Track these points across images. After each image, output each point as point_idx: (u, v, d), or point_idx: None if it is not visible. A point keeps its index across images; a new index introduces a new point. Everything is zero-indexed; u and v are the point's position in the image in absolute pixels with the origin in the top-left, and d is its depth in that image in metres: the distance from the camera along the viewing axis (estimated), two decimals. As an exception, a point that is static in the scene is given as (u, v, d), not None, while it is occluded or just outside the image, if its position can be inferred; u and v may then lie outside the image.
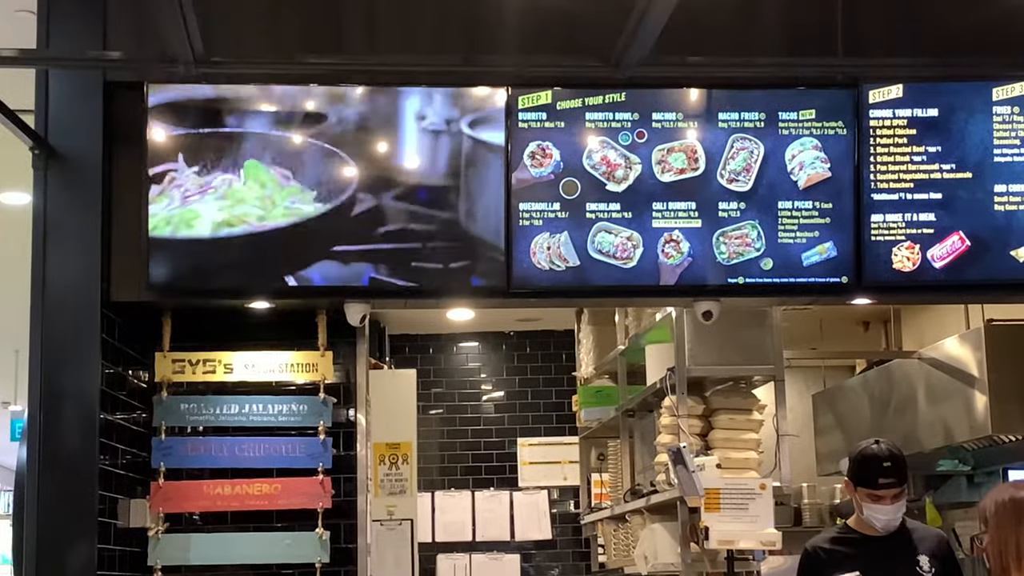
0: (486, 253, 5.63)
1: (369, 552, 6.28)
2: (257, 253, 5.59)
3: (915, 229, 5.70)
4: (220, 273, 5.60)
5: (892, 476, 5.09)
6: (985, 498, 4.23)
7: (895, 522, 5.16)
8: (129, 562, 5.92)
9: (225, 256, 5.58)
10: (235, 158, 5.60)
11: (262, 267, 5.62)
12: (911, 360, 7.73)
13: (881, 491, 5.10)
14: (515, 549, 10.64)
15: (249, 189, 5.59)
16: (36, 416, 5.52)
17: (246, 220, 5.58)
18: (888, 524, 5.15)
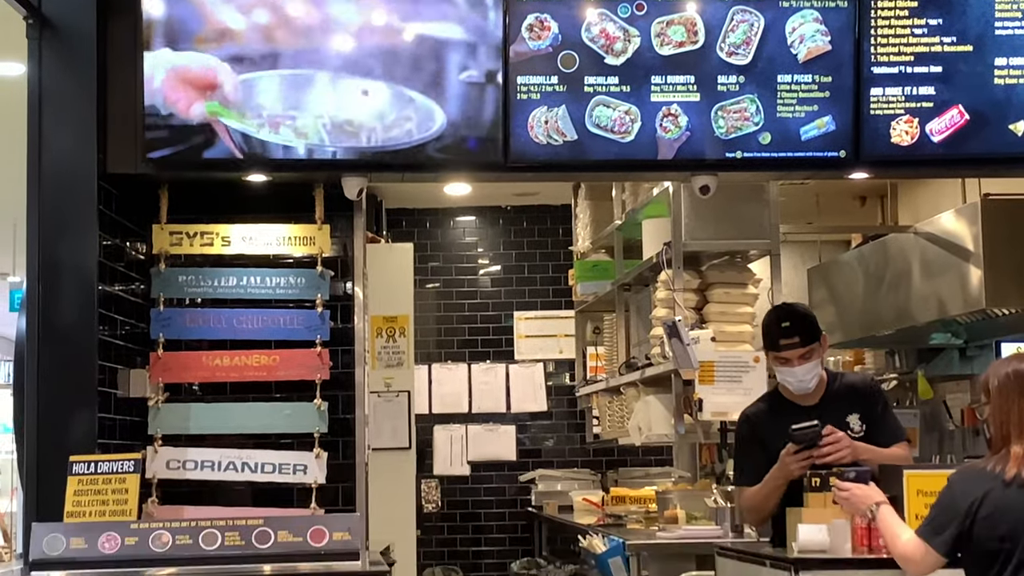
0: (484, 130, 5.60)
1: (367, 423, 6.33)
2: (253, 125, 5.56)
3: (914, 103, 5.67)
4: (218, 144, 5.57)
5: (793, 335, 5.13)
6: (987, 370, 4.26)
7: (807, 384, 5.19)
8: (130, 431, 5.96)
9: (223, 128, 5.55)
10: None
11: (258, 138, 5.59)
12: (907, 235, 7.74)
13: (784, 352, 5.14)
14: (511, 421, 10.74)
15: (245, 60, 5.55)
16: (34, 287, 5.52)
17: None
18: (800, 386, 5.18)
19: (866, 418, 5.18)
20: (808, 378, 5.15)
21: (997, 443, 4.16)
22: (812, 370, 5.16)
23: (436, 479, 10.54)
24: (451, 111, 5.58)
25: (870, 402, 5.25)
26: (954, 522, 4.11)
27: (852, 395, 5.25)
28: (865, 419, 5.18)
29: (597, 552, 6.84)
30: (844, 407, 5.20)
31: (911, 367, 8.42)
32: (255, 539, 4.52)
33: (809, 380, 5.16)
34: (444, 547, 10.52)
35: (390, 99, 5.58)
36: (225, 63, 5.53)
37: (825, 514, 4.75)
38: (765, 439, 5.20)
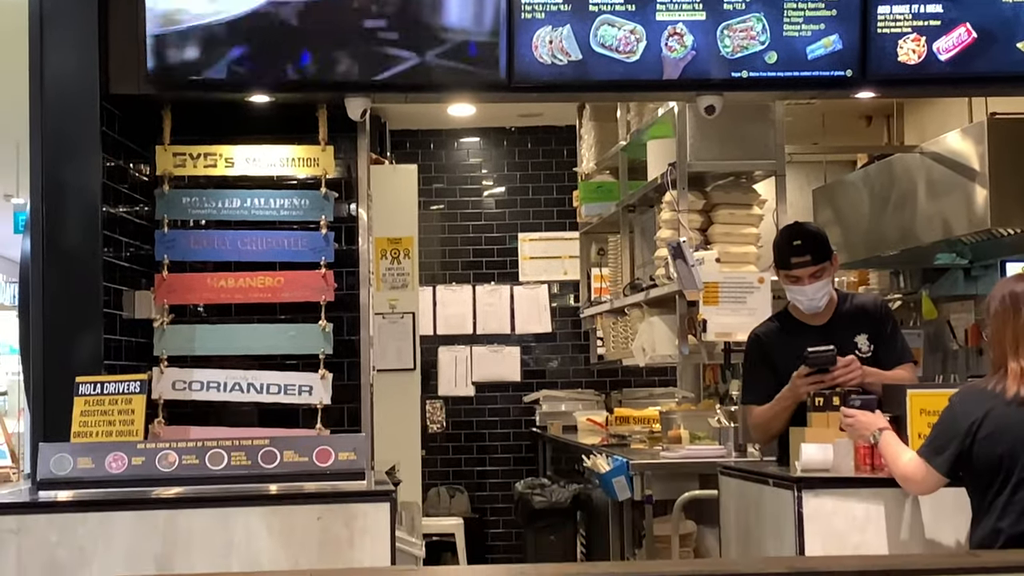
0: (487, 51, 5.56)
1: (371, 344, 6.36)
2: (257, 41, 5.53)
3: (922, 21, 5.62)
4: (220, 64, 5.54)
5: (804, 253, 5.14)
6: (995, 289, 4.28)
7: (817, 303, 5.21)
8: (135, 352, 5.99)
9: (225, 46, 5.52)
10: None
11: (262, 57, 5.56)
12: (912, 154, 7.72)
13: (795, 271, 5.16)
14: (515, 342, 10.78)
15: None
16: (38, 209, 5.52)
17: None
18: (811, 305, 5.21)
19: (874, 339, 5.20)
20: (818, 297, 5.17)
21: (996, 362, 4.19)
22: (822, 289, 5.17)
23: (441, 400, 10.60)
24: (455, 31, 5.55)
25: (879, 323, 5.26)
26: (955, 441, 4.14)
27: (861, 316, 5.27)
28: (873, 340, 5.20)
29: (601, 472, 6.90)
30: (853, 327, 5.21)
31: (915, 287, 8.42)
32: (261, 459, 4.54)
33: (819, 299, 5.17)
34: (449, 467, 10.59)
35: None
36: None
37: (828, 434, 4.78)
38: (774, 358, 5.23)
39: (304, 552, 4.26)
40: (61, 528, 4.30)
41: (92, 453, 4.60)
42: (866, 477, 4.63)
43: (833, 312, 5.26)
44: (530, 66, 5.57)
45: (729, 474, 5.40)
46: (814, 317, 5.24)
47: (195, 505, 4.32)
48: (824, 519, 4.58)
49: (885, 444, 4.46)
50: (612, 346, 9.21)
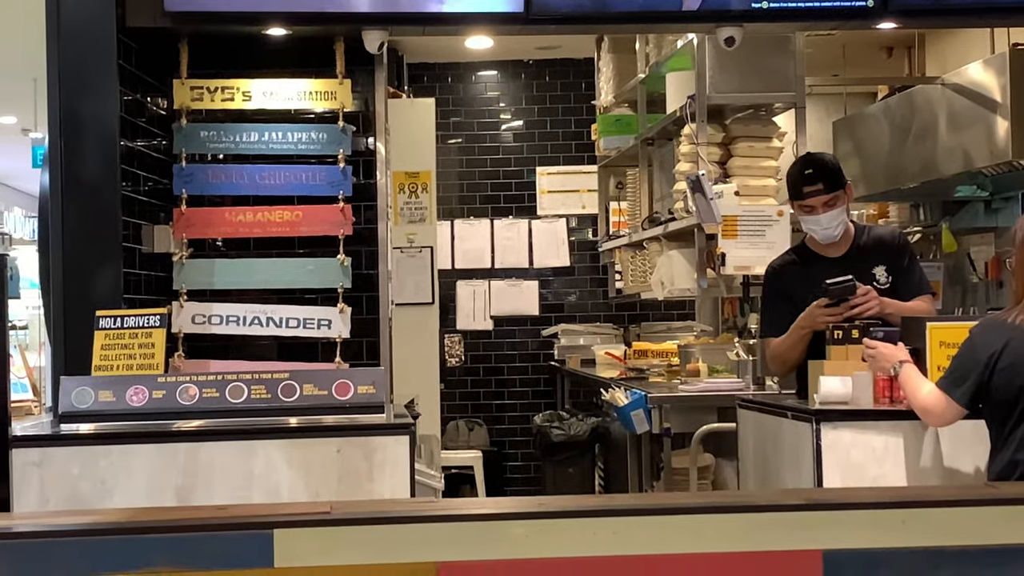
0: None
1: (390, 278, 6.36)
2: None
3: (944, -50, 5.58)
4: None
5: (817, 182, 5.12)
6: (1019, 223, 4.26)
7: (832, 232, 5.19)
8: (155, 286, 6.01)
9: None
10: None
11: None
12: (933, 86, 7.66)
13: (808, 200, 5.14)
14: (533, 276, 10.78)
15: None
16: (57, 143, 5.52)
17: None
18: (826, 234, 5.19)
19: (892, 270, 5.19)
20: (833, 225, 5.15)
21: (1018, 294, 4.18)
22: (837, 218, 5.15)
23: (459, 334, 10.62)
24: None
25: (897, 255, 5.25)
26: (974, 373, 4.13)
27: (879, 248, 5.25)
28: (891, 271, 5.18)
29: (619, 405, 6.92)
30: (871, 259, 5.20)
31: (936, 220, 8.39)
32: (281, 392, 4.56)
33: (834, 228, 5.15)
34: (467, 400, 10.63)
35: (410, -50, 5.52)
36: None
37: (847, 366, 4.78)
38: (792, 291, 5.22)
39: (324, 484, 4.28)
40: (83, 460, 4.33)
41: (113, 386, 4.62)
42: (885, 410, 4.63)
43: (851, 244, 5.24)
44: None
45: (747, 407, 5.41)
46: (831, 248, 5.22)
47: (215, 438, 4.35)
48: (842, 451, 4.59)
49: (905, 376, 4.46)
50: (630, 280, 9.21)
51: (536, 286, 10.74)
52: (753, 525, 2.64)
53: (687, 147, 7.31)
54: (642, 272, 8.71)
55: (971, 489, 3.82)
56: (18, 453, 4.22)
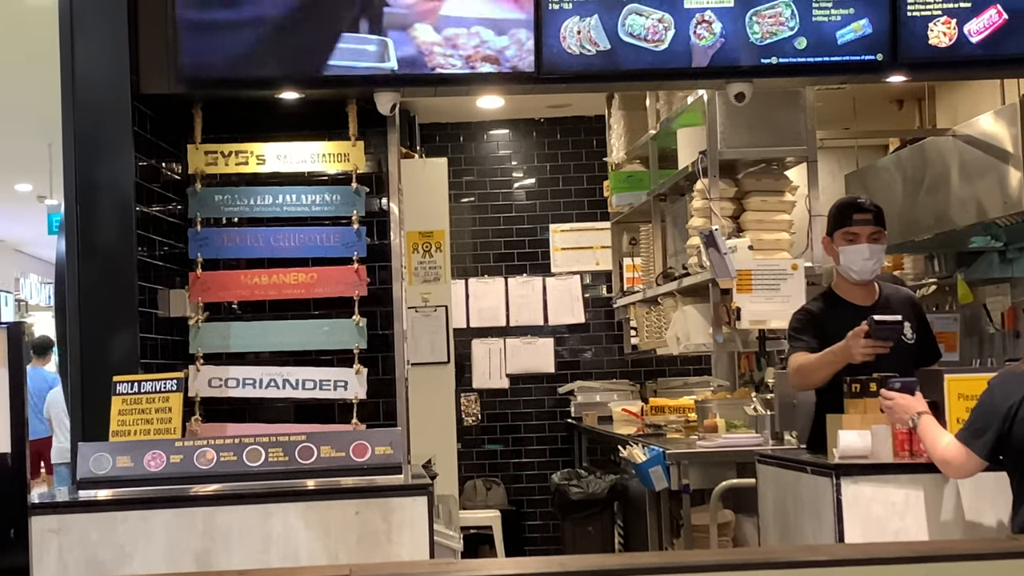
0: (515, 42, 5.57)
1: (405, 338, 6.36)
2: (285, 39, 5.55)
3: (952, 4, 5.59)
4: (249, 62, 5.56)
5: (866, 212, 5.21)
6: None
7: (870, 265, 5.24)
8: (171, 350, 6.01)
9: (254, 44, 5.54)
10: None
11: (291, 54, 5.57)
12: (945, 137, 7.68)
13: (855, 227, 5.19)
14: (548, 333, 10.78)
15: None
16: (72, 209, 5.55)
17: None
18: (864, 266, 5.23)
19: (916, 329, 5.22)
20: (873, 260, 5.22)
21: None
22: (877, 254, 5.22)
23: (475, 392, 10.61)
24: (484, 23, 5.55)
25: (920, 316, 5.38)
26: (994, 424, 4.12)
27: (906, 305, 5.34)
28: (915, 330, 5.22)
29: (637, 461, 6.89)
30: (898, 313, 5.21)
31: (950, 271, 8.38)
32: (298, 455, 4.56)
33: (872, 263, 5.22)
34: (485, 459, 10.60)
35: (421, 12, 5.57)
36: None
37: (865, 420, 4.76)
38: (823, 332, 5.21)
39: (343, 546, 4.27)
40: (102, 527, 4.33)
41: (131, 451, 4.62)
42: (905, 463, 4.62)
43: (878, 296, 5.30)
44: (558, 57, 5.57)
45: (766, 462, 5.40)
46: (860, 296, 5.27)
47: (233, 502, 4.34)
48: (863, 505, 4.58)
49: (924, 428, 4.44)
50: (646, 336, 9.20)
51: (551, 343, 10.74)
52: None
53: (700, 202, 7.32)
54: (657, 328, 8.71)
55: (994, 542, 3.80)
56: (37, 520, 4.21)
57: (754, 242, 6.99)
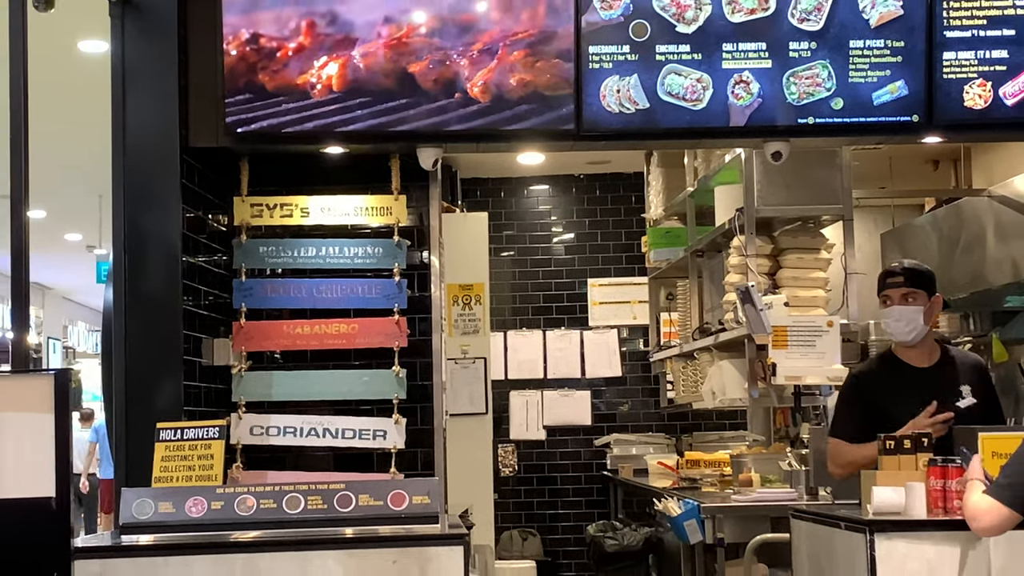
0: (557, 100, 5.60)
1: (444, 389, 6.36)
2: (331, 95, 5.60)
3: (987, 66, 5.60)
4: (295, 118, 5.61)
5: (897, 276, 5.27)
6: None
7: (903, 327, 5.23)
8: (214, 398, 6.04)
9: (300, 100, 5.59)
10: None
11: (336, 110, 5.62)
12: (981, 198, 7.65)
13: (887, 290, 5.22)
14: (585, 386, 10.76)
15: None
16: (121, 259, 5.59)
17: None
18: (896, 328, 5.24)
19: (977, 394, 5.19)
20: (905, 320, 5.19)
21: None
22: (910, 314, 5.19)
23: (512, 443, 10.60)
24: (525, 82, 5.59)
25: (983, 380, 5.32)
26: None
27: (968, 368, 5.32)
28: (976, 395, 5.19)
29: (673, 515, 6.86)
30: (960, 376, 5.22)
31: (986, 330, 8.31)
32: (337, 503, 4.55)
33: (905, 324, 5.20)
34: (521, 510, 10.57)
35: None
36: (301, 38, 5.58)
37: (899, 476, 4.73)
38: (874, 396, 5.24)
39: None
40: (143, 571, 4.33)
41: (173, 497, 4.63)
42: (939, 519, 4.57)
43: (940, 357, 5.28)
44: (598, 115, 5.60)
45: (801, 517, 5.35)
46: (919, 358, 5.27)
47: (273, 548, 4.33)
48: (898, 561, 4.53)
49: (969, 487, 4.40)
50: (682, 390, 9.18)
51: (588, 396, 10.73)
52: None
53: (736, 259, 7.32)
54: (693, 382, 8.68)
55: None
56: (80, 565, 4.22)
57: (790, 299, 6.98)
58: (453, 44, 5.58)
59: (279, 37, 5.56)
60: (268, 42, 5.56)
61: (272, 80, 5.58)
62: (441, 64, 5.58)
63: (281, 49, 5.56)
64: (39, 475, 2.79)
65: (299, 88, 5.57)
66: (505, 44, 5.56)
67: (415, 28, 5.58)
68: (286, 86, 5.57)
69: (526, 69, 5.58)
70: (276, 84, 5.57)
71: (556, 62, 5.58)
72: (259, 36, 5.57)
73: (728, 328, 7.47)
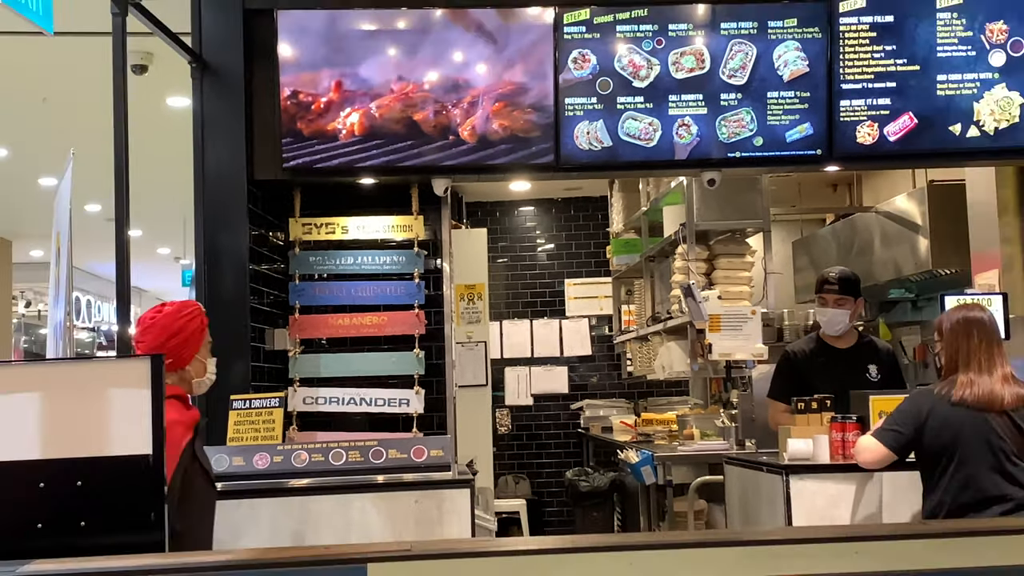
0: (540, 140, 5.59)
1: (454, 366, 6.36)
2: (365, 139, 5.58)
3: (874, 111, 5.60)
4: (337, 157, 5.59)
5: (834, 284, 5.21)
6: (941, 316, 4.23)
7: (834, 325, 5.22)
8: (275, 376, 6.03)
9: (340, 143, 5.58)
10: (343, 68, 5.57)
11: (369, 151, 5.60)
12: (869, 213, 7.67)
13: (825, 294, 5.22)
14: (563, 363, 10.74)
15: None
16: (201, 267, 5.59)
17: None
18: (828, 324, 5.24)
19: (883, 371, 5.23)
20: (836, 320, 5.21)
21: (946, 372, 4.13)
22: (840, 315, 5.21)
23: (507, 408, 10.58)
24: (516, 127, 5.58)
25: (890, 361, 5.32)
26: (907, 429, 4.09)
27: (876, 353, 5.32)
28: (882, 371, 5.22)
29: (632, 462, 6.85)
30: (868, 358, 5.23)
31: (874, 316, 8.34)
32: (371, 456, 4.55)
33: (836, 322, 5.22)
34: (514, 460, 10.56)
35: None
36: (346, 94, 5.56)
37: (808, 430, 4.73)
38: (801, 369, 5.27)
39: (405, 528, 4.26)
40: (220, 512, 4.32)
41: (243, 453, 4.63)
42: (839, 464, 4.58)
43: (855, 343, 5.30)
44: (572, 151, 5.59)
45: (732, 463, 5.36)
46: (840, 342, 5.28)
47: (321, 492, 4.33)
48: (808, 497, 4.54)
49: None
50: (638, 365, 9.18)
51: (566, 371, 10.71)
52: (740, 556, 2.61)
53: (680, 263, 7.32)
54: (647, 359, 8.68)
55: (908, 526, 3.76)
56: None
57: (722, 293, 6.98)
58: (448, 98, 5.56)
59: (315, 93, 5.55)
60: (305, 97, 5.55)
61: (308, 127, 5.56)
62: (438, 113, 5.57)
63: (315, 102, 5.55)
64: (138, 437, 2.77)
65: (329, 133, 5.56)
66: (488, 97, 5.55)
67: (419, 85, 5.56)
68: (319, 131, 5.56)
69: (505, 117, 5.57)
70: (311, 130, 5.56)
71: (530, 111, 5.57)
72: (298, 92, 5.55)
73: (674, 316, 7.46)
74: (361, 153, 5.57)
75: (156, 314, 3.54)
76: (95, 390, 2.74)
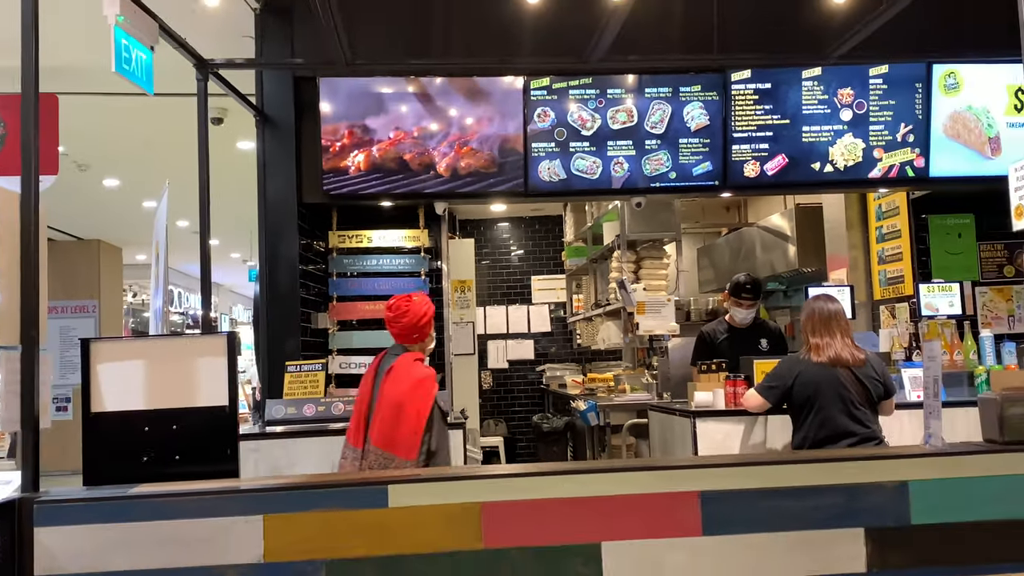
0: (514, 173, 5.59)
1: (450, 340, 6.34)
2: (385, 174, 5.55)
3: (758, 153, 5.62)
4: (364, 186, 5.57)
5: (750, 294, 5.19)
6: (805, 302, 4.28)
7: (747, 319, 5.23)
8: (319, 348, 6.01)
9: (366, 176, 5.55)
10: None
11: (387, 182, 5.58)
12: (753, 228, 7.70)
13: (742, 300, 5.21)
14: (530, 337, 10.74)
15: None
16: (263, 267, 5.56)
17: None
18: (743, 320, 5.24)
19: (771, 344, 5.25)
20: (749, 317, 5.25)
21: (805, 343, 4.17)
22: (751, 312, 5.26)
23: (489, 370, 10.57)
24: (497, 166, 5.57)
25: (778, 338, 5.34)
26: (780, 384, 4.12)
27: (767, 331, 5.34)
28: (771, 344, 5.24)
29: (581, 409, 6.87)
30: (760, 334, 5.27)
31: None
32: (390, 406, 4.53)
33: (748, 318, 5.26)
34: (494, 408, 10.55)
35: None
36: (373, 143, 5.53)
37: (710, 385, 4.76)
38: (713, 342, 5.28)
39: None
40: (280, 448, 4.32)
41: (296, 404, 4.62)
42: (732, 410, 4.61)
43: (751, 324, 5.33)
44: (537, 182, 5.58)
45: (654, 410, 5.39)
46: (742, 324, 5.32)
47: (354, 433, 4.31)
48: (710, 435, 4.57)
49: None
50: (585, 338, 9.19)
51: (532, 343, 10.70)
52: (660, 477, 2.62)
53: (615, 264, 7.33)
54: (592, 334, 8.69)
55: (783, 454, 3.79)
56: (244, 444, 4.21)
57: (646, 286, 7.00)
58: (442, 142, 5.54)
59: (334, 139, 5.51)
60: (326, 142, 5.51)
61: (350, 163, 5.53)
62: (422, 155, 5.55)
63: (332, 146, 5.52)
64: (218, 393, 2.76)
65: (342, 168, 5.53)
66: (475, 141, 5.54)
67: (408, 133, 5.53)
68: (334, 168, 5.52)
69: (485, 157, 5.55)
70: (329, 166, 5.53)
71: (507, 153, 5.56)
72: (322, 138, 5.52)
73: (611, 303, 7.48)
74: (358, 184, 5.50)
75: (408, 303, 3.61)
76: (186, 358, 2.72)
